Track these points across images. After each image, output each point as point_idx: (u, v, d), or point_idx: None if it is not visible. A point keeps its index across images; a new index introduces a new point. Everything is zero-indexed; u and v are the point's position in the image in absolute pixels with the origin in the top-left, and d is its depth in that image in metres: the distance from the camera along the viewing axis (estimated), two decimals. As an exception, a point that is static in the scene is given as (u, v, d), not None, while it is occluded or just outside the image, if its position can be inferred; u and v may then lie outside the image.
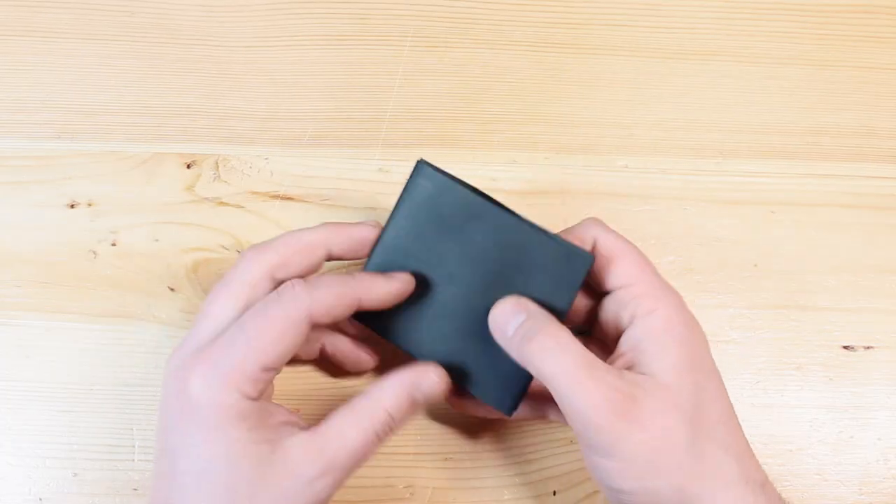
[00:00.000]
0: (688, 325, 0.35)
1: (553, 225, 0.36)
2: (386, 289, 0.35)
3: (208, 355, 0.32)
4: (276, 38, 0.46)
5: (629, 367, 0.34)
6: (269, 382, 0.34)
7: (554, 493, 0.41)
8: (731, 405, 0.34)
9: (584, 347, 0.33)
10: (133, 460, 0.40)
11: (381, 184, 0.44)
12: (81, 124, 0.44)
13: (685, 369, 0.33)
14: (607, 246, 0.36)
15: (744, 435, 0.34)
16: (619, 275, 0.36)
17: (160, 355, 0.42)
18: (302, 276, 0.35)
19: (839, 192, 0.46)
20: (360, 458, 0.33)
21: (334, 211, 0.44)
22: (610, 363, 0.34)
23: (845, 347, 0.44)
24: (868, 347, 0.44)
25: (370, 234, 0.36)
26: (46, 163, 0.44)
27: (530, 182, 0.45)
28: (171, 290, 0.42)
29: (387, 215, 0.37)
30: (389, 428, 0.34)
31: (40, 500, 0.40)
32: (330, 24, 0.46)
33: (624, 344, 0.35)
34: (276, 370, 0.33)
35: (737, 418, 0.34)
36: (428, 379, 0.34)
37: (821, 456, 0.42)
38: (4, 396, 0.41)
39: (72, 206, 0.43)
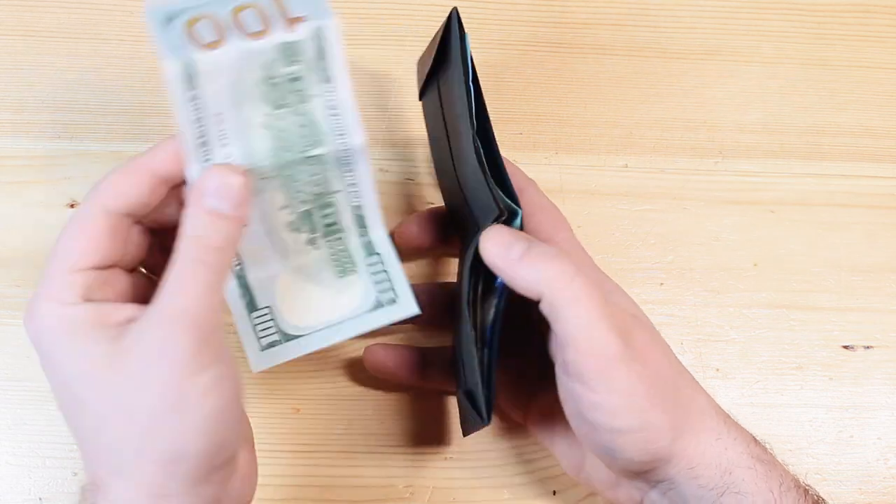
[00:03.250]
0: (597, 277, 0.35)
1: (553, 224, 0.36)
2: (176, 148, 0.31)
3: (40, 289, 0.30)
4: (276, 38, 0.46)
5: None
6: (97, 284, 0.30)
7: (554, 493, 0.41)
8: None
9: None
10: (133, 460, 0.40)
11: (381, 183, 0.44)
12: (81, 124, 0.44)
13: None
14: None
15: None
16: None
17: (160, 355, 0.41)
18: (144, 201, 0.31)
19: (838, 192, 0.46)
20: (199, 294, 0.29)
21: (334, 211, 0.44)
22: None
23: (845, 347, 0.44)
24: (868, 347, 0.44)
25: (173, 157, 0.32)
26: (46, 163, 0.44)
27: (530, 182, 0.45)
28: (171, 289, 0.42)
29: (387, 216, 0.37)
30: (208, 247, 0.30)
31: (40, 500, 0.40)
32: (330, 24, 0.46)
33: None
34: (93, 268, 0.30)
35: None
36: (213, 180, 0.30)
37: (821, 456, 0.42)
38: (4, 396, 0.41)
39: (72, 206, 0.43)
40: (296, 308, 0.33)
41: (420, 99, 0.42)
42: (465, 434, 0.36)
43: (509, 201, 0.34)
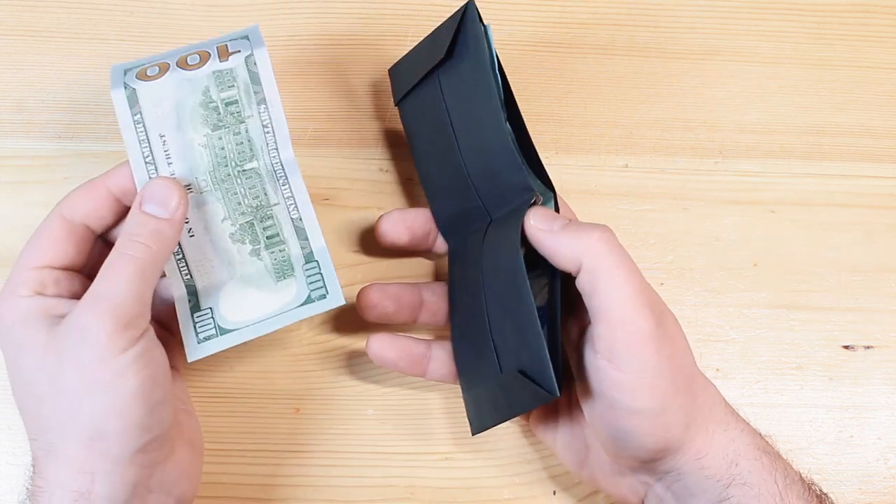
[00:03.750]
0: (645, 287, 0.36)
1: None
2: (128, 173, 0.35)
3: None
4: (277, 37, 0.46)
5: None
6: (51, 281, 0.34)
7: (554, 493, 0.41)
8: None
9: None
10: (133, 460, 0.40)
11: (381, 184, 0.44)
12: (81, 124, 0.44)
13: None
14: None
15: None
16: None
17: (160, 355, 0.41)
18: (98, 215, 0.35)
19: (838, 192, 0.46)
20: (120, 283, 0.32)
21: (334, 210, 0.44)
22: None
23: (845, 347, 0.44)
24: (868, 347, 0.44)
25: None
26: (46, 163, 0.44)
27: (530, 182, 0.45)
28: (171, 289, 0.42)
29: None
30: (137, 242, 0.33)
31: (40, 499, 0.40)
32: (330, 24, 0.46)
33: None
34: (48, 267, 0.34)
35: None
36: (149, 189, 0.34)
37: (821, 456, 0.42)
38: (4, 396, 0.41)
39: (72, 206, 0.43)
40: (234, 308, 0.36)
41: (397, 104, 0.42)
42: (489, 425, 0.37)
43: (543, 185, 0.36)
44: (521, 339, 0.34)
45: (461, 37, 0.37)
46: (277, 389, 0.41)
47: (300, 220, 0.36)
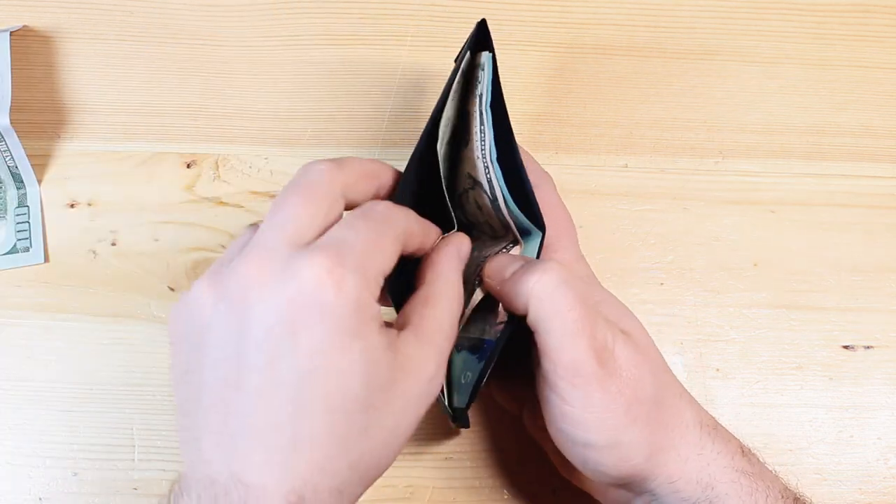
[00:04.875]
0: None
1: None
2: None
3: (331, 249, 0.27)
4: (277, 37, 0.46)
5: None
6: None
7: (554, 493, 0.41)
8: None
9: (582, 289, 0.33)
10: (133, 460, 0.40)
11: (381, 184, 0.44)
12: (82, 124, 0.44)
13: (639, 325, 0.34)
14: None
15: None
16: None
17: (160, 355, 0.41)
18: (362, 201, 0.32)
19: (838, 192, 0.46)
20: (453, 341, 0.31)
21: (334, 211, 0.44)
22: None
23: (845, 347, 0.44)
24: (868, 347, 0.44)
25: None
26: (46, 163, 0.44)
27: (530, 182, 0.45)
28: (171, 289, 0.42)
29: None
30: (460, 300, 0.32)
31: (40, 500, 0.40)
32: (330, 24, 0.46)
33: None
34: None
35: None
36: (465, 243, 0.34)
37: (821, 456, 0.42)
38: (4, 396, 0.41)
39: (72, 206, 0.43)
40: None
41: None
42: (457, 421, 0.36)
43: (530, 224, 0.35)
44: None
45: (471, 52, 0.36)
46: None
47: (16, 167, 0.42)
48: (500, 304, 0.34)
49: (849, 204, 0.46)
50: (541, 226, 0.35)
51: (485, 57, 0.35)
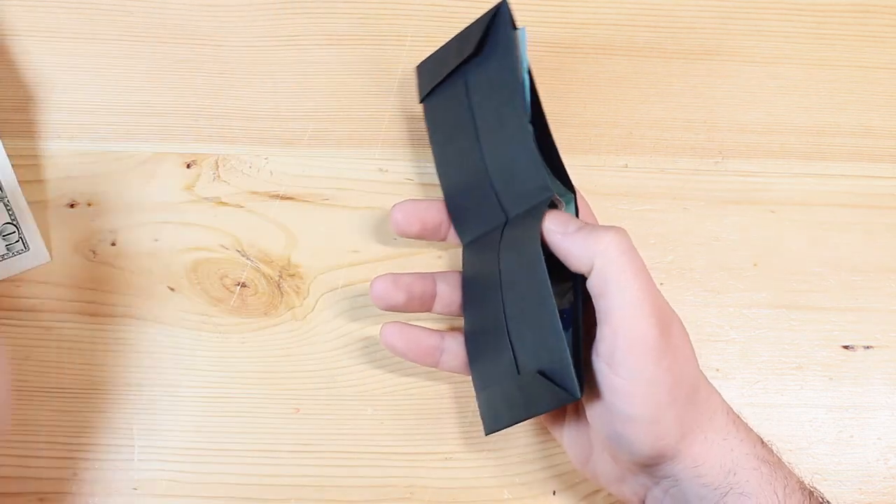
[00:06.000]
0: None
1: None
2: None
3: None
4: (277, 37, 0.46)
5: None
6: None
7: (554, 493, 0.41)
8: None
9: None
10: (133, 460, 0.40)
11: (381, 184, 0.44)
12: (81, 124, 0.44)
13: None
14: None
15: None
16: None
17: (160, 355, 0.42)
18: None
19: (838, 192, 0.46)
20: None
21: (334, 211, 0.44)
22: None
23: (845, 347, 0.44)
24: (868, 347, 0.44)
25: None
26: (46, 163, 0.44)
27: (530, 182, 0.45)
28: (171, 290, 0.42)
29: (386, 216, 0.37)
30: None
31: (40, 500, 0.40)
32: (330, 24, 0.46)
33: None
34: None
35: None
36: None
37: (821, 456, 0.42)
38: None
39: (72, 206, 0.43)
40: None
41: (422, 100, 0.42)
42: (504, 425, 0.37)
43: (563, 187, 0.37)
44: (540, 340, 0.34)
45: (491, 36, 0.38)
46: (277, 389, 0.41)
47: None
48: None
49: (849, 204, 0.46)
50: (571, 188, 0.37)
51: (521, 33, 0.37)
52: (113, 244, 0.43)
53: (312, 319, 0.42)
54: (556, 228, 0.34)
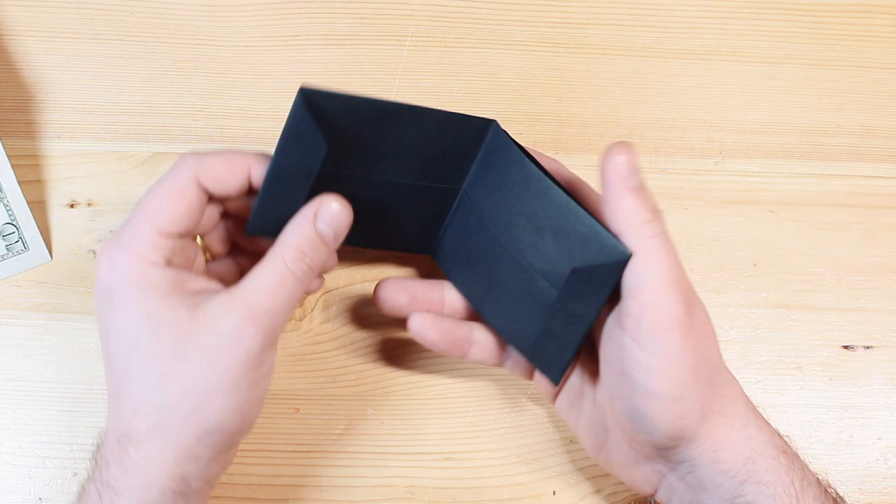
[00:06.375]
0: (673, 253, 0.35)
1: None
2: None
3: (113, 236, 0.33)
4: (277, 37, 0.46)
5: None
6: (178, 250, 0.33)
7: (554, 493, 0.41)
8: None
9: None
10: (133, 460, 0.40)
11: (381, 184, 0.44)
12: (81, 124, 0.44)
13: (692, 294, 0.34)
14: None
15: None
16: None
17: (160, 355, 0.42)
18: (229, 191, 0.34)
19: (839, 192, 0.46)
20: (282, 301, 0.32)
21: (334, 211, 0.44)
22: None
23: (845, 347, 0.44)
24: (868, 347, 0.44)
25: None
26: (46, 163, 0.44)
27: (530, 182, 0.45)
28: (171, 289, 0.42)
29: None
30: (304, 264, 0.33)
31: (40, 500, 0.40)
32: (330, 24, 0.46)
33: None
34: (178, 235, 0.33)
35: None
36: (329, 208, 0.34)
37: (821, 456, 0.42)
38: (4, 396, 0.41)
39: (72, 206, 0.43)
40: None
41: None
42: (570, 357, 0.36)
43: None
44: (565, 238, 0.34)
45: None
46: (277, 389, 0.41)
47: None
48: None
49: (849, 204, 0.46)
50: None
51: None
52: (113, 244, 0.43)
53: (312, 319, 0.42)
54: (622, 171, 0.32)
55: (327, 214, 0.33)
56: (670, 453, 0.34)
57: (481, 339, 0.39)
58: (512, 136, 0.37)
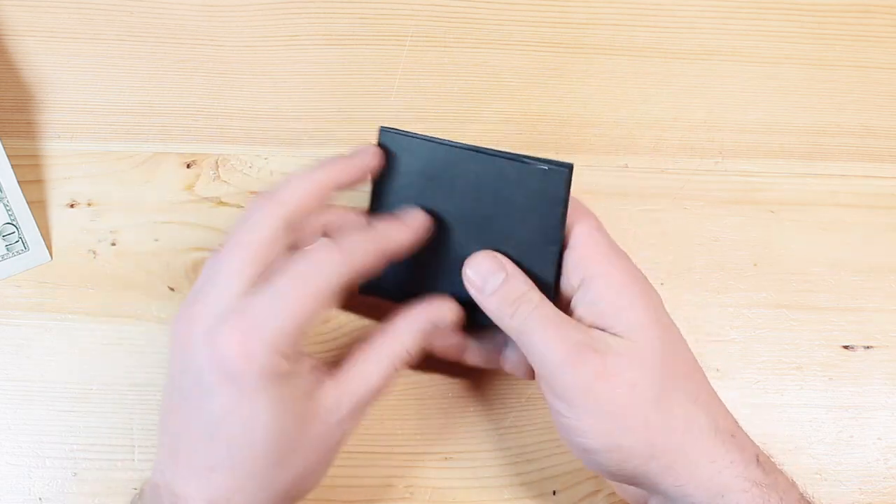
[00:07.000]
0: (641, 282, 0.35)
1: (553, 224, 0.36)
2: (406, 235, 0.36)
3: (245, 320, 0.31)
4: (277, 37, 0.46)
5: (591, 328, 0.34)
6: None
7: (554, 493, 0.41)
8: (694, 357, 0.36)
9: (555, 308, 0.34)
10: (133, 460, 0.40)
11: (381, 184, 0.44)
12: (81, 124, 0.44)
13: (648, 325, 0.34)
14: None
15: (710, 386, 0.35)
16: (569, 238, 0.36)
17: (160, 355, 0.41)
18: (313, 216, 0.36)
19: (839, 192, 0.46)
20: (380, 393, 0.35)
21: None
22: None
23: (845, 347, 0.44)
24: (868, 347, 0.44)
25: (372, 160, 0.37)
26: (46, 163, 0.44)
27: (530, 182, 0.45)
28: (171, 289, 0.42)
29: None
30: (406, 362, 0.35)
31: (40, 500, 0.40)
32: (330, 24, 0.46)
33: (579, 306, 0.35)
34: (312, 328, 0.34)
35: (702, 370, 0.35)
36: (441, 313, 0.36)
37: (821, 456, 0.42)
38: (4, 396, 0.41)
39: (72, 206, 0.43)
40: None
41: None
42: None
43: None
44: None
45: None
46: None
47: None
48: None
49: (849, 204, 0.46)
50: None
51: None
52: (113, 244, 0.43)
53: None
54: (474, 282, 0.35)
55: (439, 319, 0.36)
56: (639, 485, 0.34)
57: (476, 344, 0.39)
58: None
